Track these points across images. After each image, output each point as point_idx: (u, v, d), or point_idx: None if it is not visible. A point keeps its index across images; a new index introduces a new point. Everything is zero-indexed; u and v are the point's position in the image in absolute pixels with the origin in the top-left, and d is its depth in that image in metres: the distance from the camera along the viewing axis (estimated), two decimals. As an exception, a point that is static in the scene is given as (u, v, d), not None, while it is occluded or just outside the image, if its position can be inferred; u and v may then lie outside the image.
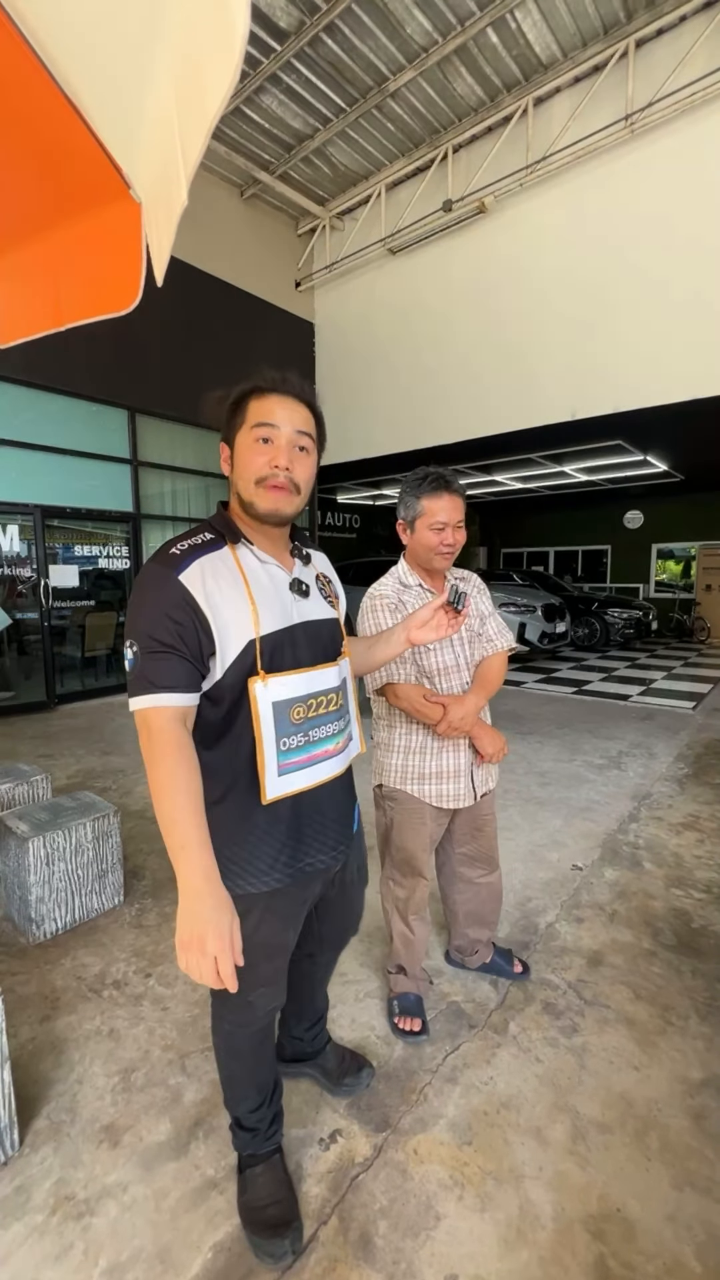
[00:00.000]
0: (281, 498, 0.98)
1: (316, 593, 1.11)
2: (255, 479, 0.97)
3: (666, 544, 12.56)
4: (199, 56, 0.57)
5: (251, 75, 5.55)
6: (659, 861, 2.72)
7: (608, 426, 6.25)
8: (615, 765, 4.12)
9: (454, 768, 1.66)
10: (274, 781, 0.99)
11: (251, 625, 0.96)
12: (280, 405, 0.97)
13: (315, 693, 1.03)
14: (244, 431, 0.98)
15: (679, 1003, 1.83)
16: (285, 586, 1.04)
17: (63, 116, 0.86)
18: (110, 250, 1.03)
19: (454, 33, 5.15)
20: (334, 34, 5.11)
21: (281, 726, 0.98)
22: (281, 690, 0.98)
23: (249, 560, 1.00)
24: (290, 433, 0.97)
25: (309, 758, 1.04)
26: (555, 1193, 1.27)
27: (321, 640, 1.08)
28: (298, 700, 1.00)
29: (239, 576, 0.97)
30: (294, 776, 1.02)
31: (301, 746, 1.02)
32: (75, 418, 6.17)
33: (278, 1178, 1.25)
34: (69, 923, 2.23)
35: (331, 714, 1.07)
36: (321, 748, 1.06)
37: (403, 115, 6.17)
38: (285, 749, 1.00)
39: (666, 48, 5.15)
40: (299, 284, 8.09)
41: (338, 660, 1.10)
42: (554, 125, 5.80)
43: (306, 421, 1.00)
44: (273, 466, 0.96)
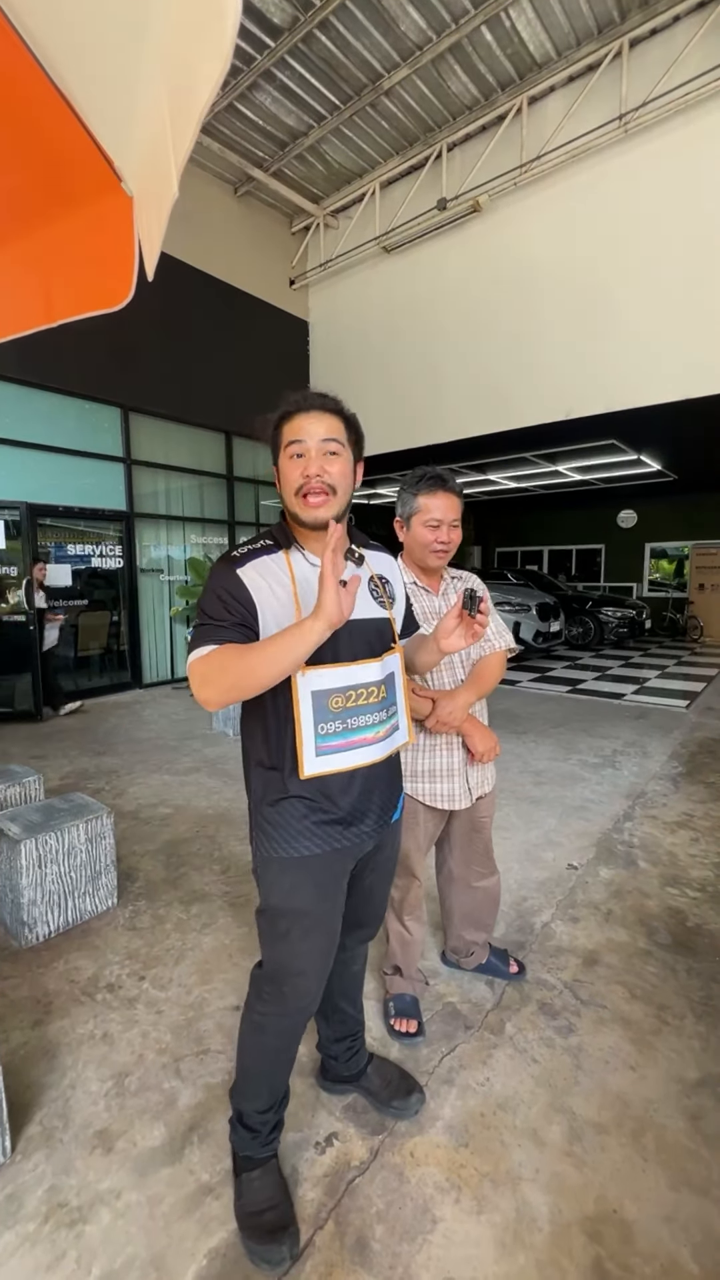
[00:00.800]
0: (317, 503, 1.08)
1: (366, 593, 1.19)
2: (294, 491, 1.09)
3: (660, 543, 12.61)
4: (189, 49, 0.55)
5: (245, 71, 5.52)
6: (654, 860, 2.73)
7: (601, 426, 6.27)
8: (610, 764, 4.13)
9: (446, 766, 1.65)
10: (311, 760, 1.09)
11: (295, 619, 1.06)
12: (306, 421, 1.09)
13: (354, 685, 1.12)
14: (283, 453, 1.11)
15: (674, 1002, 1.83)
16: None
17: (54, 108, 0.84)
18: (102, 245, 1.01)
19: (448, 30, 5.14)
20: (328, 30, 5.09)
21: (320, 713, 1.08)
22: (320, 681, 1.08)
23: (300, 564, 1.13)
24: (317, 443, 1.08)
25: (347, 743, 1.12)
26: (552, 1195, 1.27)
27: (366, 637, 1.15)
28: (336, 691, 1.09)
29: (288, 577, 1.10)
30: (332, 758, 1.11)
31: (339, 733, 1.11)
32: (68, 415, 6.13)
33: (274, 1182, 1.24)
34: (61, 925, 2.21)
35: (372, 705, 1.14)
36: (360, 735, 1.13)
37: (397, 113, 6.16)
38: (323, 733, 1.09)
39: (660, 47, 5.16)
40: (293, 282, 8.07)
41: (382, 656, 1.17)
42: (548, 124, 5.80)
43: (333, 429, 1.09)
44: (305, 476, 1.07)
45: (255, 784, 1.19)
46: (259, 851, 1.18)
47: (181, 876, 2.61)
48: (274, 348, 7.83)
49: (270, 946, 1.21)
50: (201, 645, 1.04)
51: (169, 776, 3.91)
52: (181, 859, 2.76)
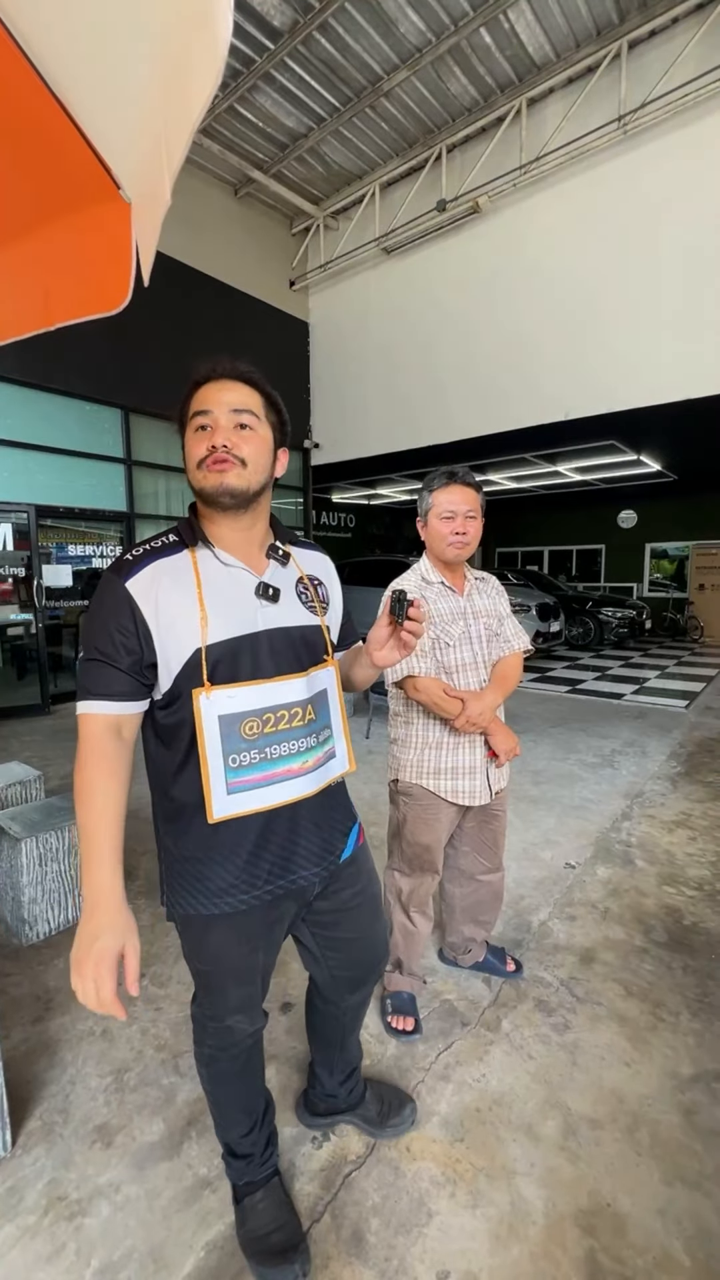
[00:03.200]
0: (224, 471, 0.91)
1: (294, 597, 1.03)
2: (196, 463, 0.93)
3: (660, 543, 12.61)
4: (183, 64, 0.57)
5: (245, 74, 5.55)
6: (651, 859, 2.74)
7: (601, 426, 6.27)
8: (608, 764, 4.14)
9: (469, 764, 1.68)
10: (221, 800, 0.92)
11: (199, 633, 0.91)
12: (213, 390, 0.94)
13: (272, 706, 0.95)
14: (188, 427, 0.95)
15: (670, 999, 1.84)
16: (251, 591, 0.97)
17: (53, 117, 0.86)
18: (100, 250, 1.02)
19: (447, 32, 5.16)
20: (327, 33, 5.11)
21: (230, 741, 0.92)
22: (229, 703, 0.92)
23: (208, 564, 0.95)
24: (226, 413, 0.92)
25: (266, 776, 0.95)
26: (546, 1189, 1.28)
27: (291, 648, 0.99)
28: (250, 714, 0.93)
29: (193, 581, 0.93)
30: (247, 796, 0.94)
31: (256, 764, 0.94)
32: (69, 417, 6.15)
33: (278, 1200, 1.19)
34: (62, 924, 2.23)
35: (297, 730, 0.97)
36: (282, 765, 0.96)
37: (397, 115, 6.18)
38: (235, 765, 0.93)
39: (659, 49, 5.17)
40: (293, 283, 8.09)
41: (309, 671, 1.00)
42: (547, 126, 5.81)
43: (245, 399, 0.94)
44: (209, 447, 0.91)
45: (160, 825, 1.04)
46: (172, 906, 1.03)
47: (181, 875, 2.63)
48: (274, 349, 7.85)
49: (201, 992, 1.11)
50: (89, 696, 0.90)
51: (169, 776, 3.92)
52: (181, 858, 2.77)
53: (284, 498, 8.74)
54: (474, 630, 1.67)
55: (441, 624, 1.64)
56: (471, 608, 1.69)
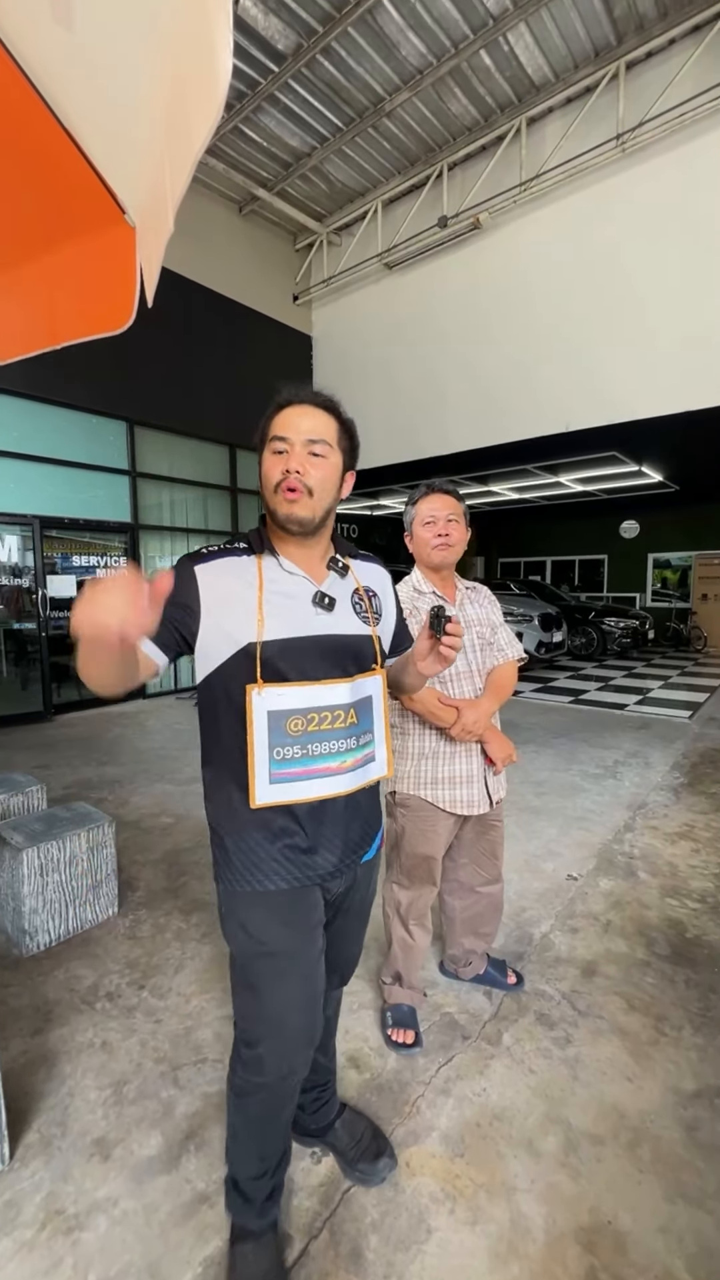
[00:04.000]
0: (295, 500, 0.98)
1: (349, 607, 1.09)
2: (272, 486, 0.99)
3: (663, 553, 12.62)
4: (186, 97, 0.59)
5: (250, 96, 5.66)
6: (654, 871, 2.72)
7: (602, 438, 6.32)
8: (611, 775, 4.13)
9: (467, 773, 1.69)
10: (264, 788, 0.98)
11: (255, 629, 0.97)
12: (293, 416, 1.00)
13: (316, 707, 1.00)
14: (266, 449, 1.02)
15: (672, 1013, 1.83)
16: (309, 598, 1.03)
17: (61, 147, 0.89)
18: (106, 272, 1.05)
19: (448, 55, 5.26)
20: (330, 56, 5.22)
21: (276, 736, 0.98)
22: (277, 701, 0.98)
23: (272, 570, 1.03)
24: (302, 440, 0.99)
25: (306, 771, 1.01)
26: (547, 1205, 1.27)
27: (339, 656, 1.04)
28: (295, 713, 0.99)
29: (255, 582, 1.00)
30: (288, 787, 1.00)
31: (298, 759, 1.00)
32: (74, 429, 6.23)
33: (269, 1258, 1.13)
34: (62, 934, 2.23)
35: (338, 731, 1.02)
36: (322, 763, 1.02)
37: (398, 134, 6.29)
38: (279, 759, 0.98)
39: (656, 70, 5.26)
40: (297, 298, 8.19)
41: (354, 678, 1.05)
42: (547, 144, 5.91)
43: (320, 428, 1.00)
44: (284, 471, 0.98)
45: (211, 808, 1.09)
46: (221, 883, 1.08)
47: (182, 886, 2.63)
48: (278, 361, 7.94)
49: (241, 1000, 1.09)
50: None
51: (171, 786, 3.93)
52: (182, 868, 2.77)
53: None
54: (466, 639, 1.68)
55: None
56: (464, 617, 1.70)
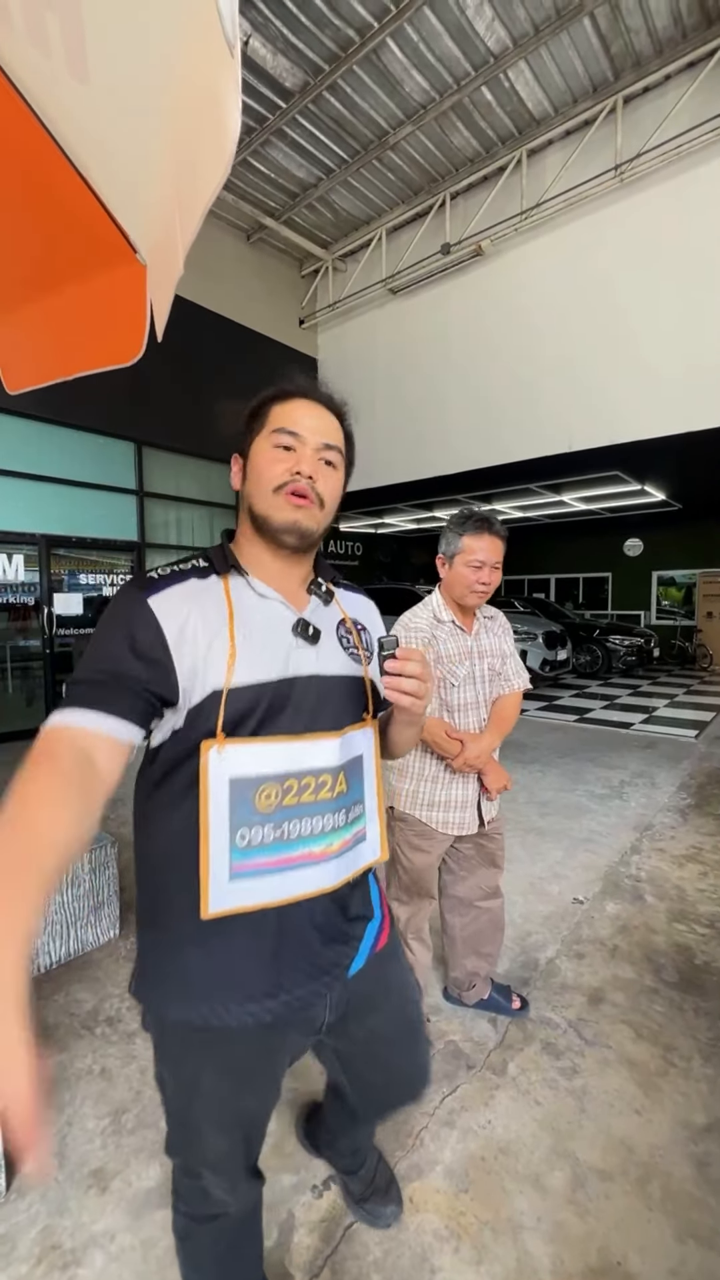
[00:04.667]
0: (303, 507, 0.80)
1: (334, 641, 0.86)
2: (274, 486, 0.79)
3: (667, 571, 12.64)
4: (196, 151, 0.62)
5: (258, 130, 5.84)
6: (661, 895, 2.69)
7: (605, 457, 6.37)
8: (617, 795, 4.09)
9: (461, 798, 1.71)
10: (220, 890, 0.72)
11: (224, 671, 0.73)
12: (307, 412, 0.83)
13: (297, 771, 0.76)
14: (262, 438, 0.82)
15: (681, 1043, 1.79)
16: (287, 629, 0.81)
17: (77, 192, 0.93)
18: (118, 307, 1.09)
19: (450, 91, 5.43)
20: (336, 92, 5.39)
21: (240, 812, 0.73)
22: (246, 763, 0.73)
23: (243, 594, 0.80)
24: (316, 443, 0.81)
25: (279, 860, 0.75)
26: (554, 1244, 1.23)
27: (330, 702, 0.82)
28: (269, 779, 0.74)
29: (224, 610, 0.77)
30: (253, 885, 0.74)
31: (270, 844, 0.74)
32: (83, 450, 6.33)
33: None
34: (62, 956, 2.21)
35: (324, 803, 0.79)
36: (301, 849, 0.77)
37: (402, 165, 6.46)
38: (244, 845, 0.73)
39: (653, 104, 5.41)
40: (303, 322, 8.36)
41: (343, 731, 0.82)
42: (547, 175, 6.06)
43: (334, 434, 0.85)
44: (293, 473, 0.80)
45: (143, 900, 0.82)
46: (143, 999, 0.82)
47: (184, 907, 2.61)
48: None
49: (171, 1126, 0.88)
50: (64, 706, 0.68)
51: (174, 805, 3.91)
52: (184, 889, 2.75)
53: (292, 527, 8.86)
54: (478, 670, 1.71)
55: (448, 664, 1.67)
56: (478, 647, 1.73)
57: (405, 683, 0.76)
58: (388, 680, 0.77)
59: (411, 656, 0.77)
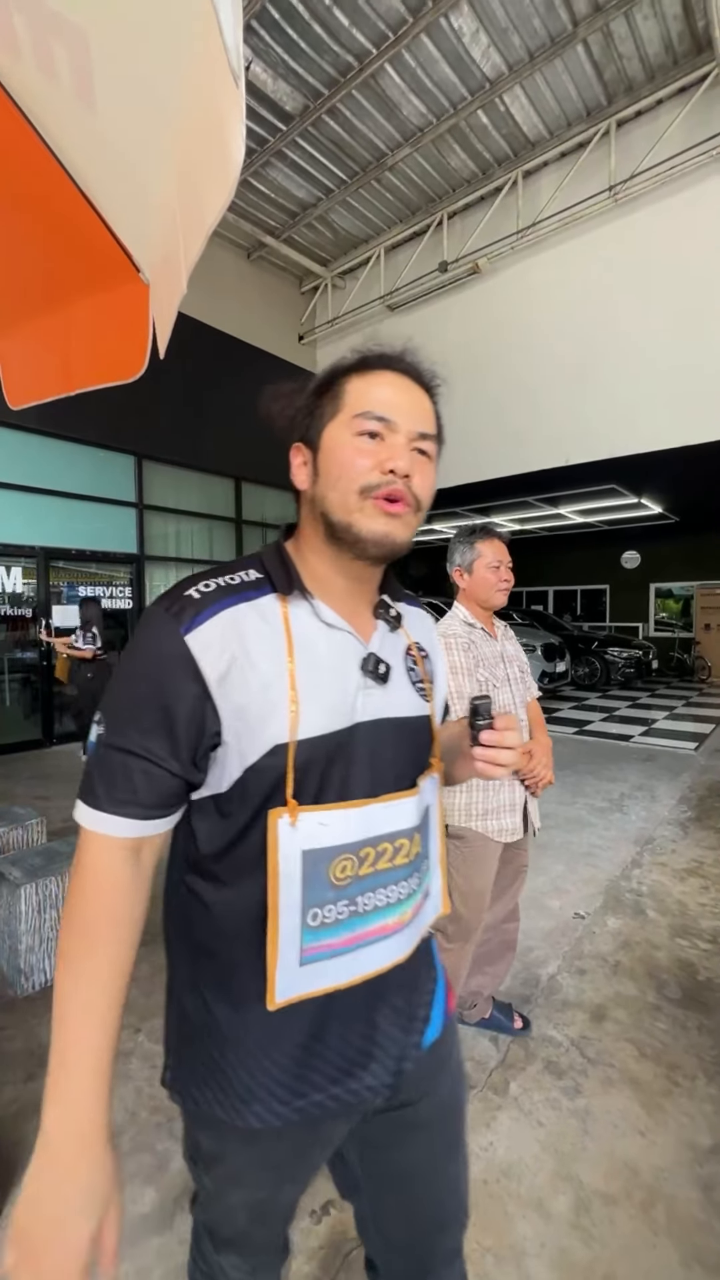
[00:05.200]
0: (397, 516, 0.65)
1: (403, 675, 0.73)
2: (359, 488, 0.64)
3: (664, 583, 12.69)
4: (200, 176, 0.63)
5: (259, 152, 5.96)
6: (663, 909, 2.67)
7: (601, 471, 6.43)
8: (617, 808, 4.07)
9: (510, 801, 1.72)
10: (289, 975, 0.62)
11: (286, 722, 0.61)
12: (398, 389, 0.68)
13: (374, 838, 0.66)
14: (339, 425, 0.66)
15: (685, 1061, 1.77)
16: (355, 665, 0.67)
17: (82, 213, 0.95)
18: (120, 325, 1.11)
19: (447, 114, 5.55)
20: (335, 115, 5.51)
21: (314, 890, 0.62)
22: (321, 834, 0.62)
23: (304, 622, 0.66)
24: (411, 430, 0.66)
25: (353, 939, 0.65)
26: (559, 1272, 1.21)
27: (400, 750, 0.70)
28: (344, 850, 0.64)
29: (282, 643, 0.63)
30: (324, 967, 0.64)
31: (343, 922, 0.64)
32: (84, 463, 6.37)
33: None
34: (59, 974, 2.18)
35: (399, 869, 0.68)
36: (376, 922, 0.67)
37: (400, 186, 6.59)
38: (315, 924, 0.63)
39: (645, 127, 5.53)
40: (302, 338, 8.46)
41: (418, 785, 0.71)
42: (542, 195, 6.18)
43: (429, 416, 0.71)
44: (386, 470, 0.64)
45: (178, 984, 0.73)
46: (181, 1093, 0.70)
47: (181, 923, 2.58)
48: (283, 398, 8.15)
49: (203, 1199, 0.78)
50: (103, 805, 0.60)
51: (172, 819, 3.88)
52: (182, 905, 2.73)
53: (291, 539, 8.91)
54: (511, 673, 1.76)
55: (490, 666, 1.72)
56: (504, 652, 1.78)
57: (503, 755, 0.66)
58: (481, 752, 0.67)
59: (510, 726, 0.67)
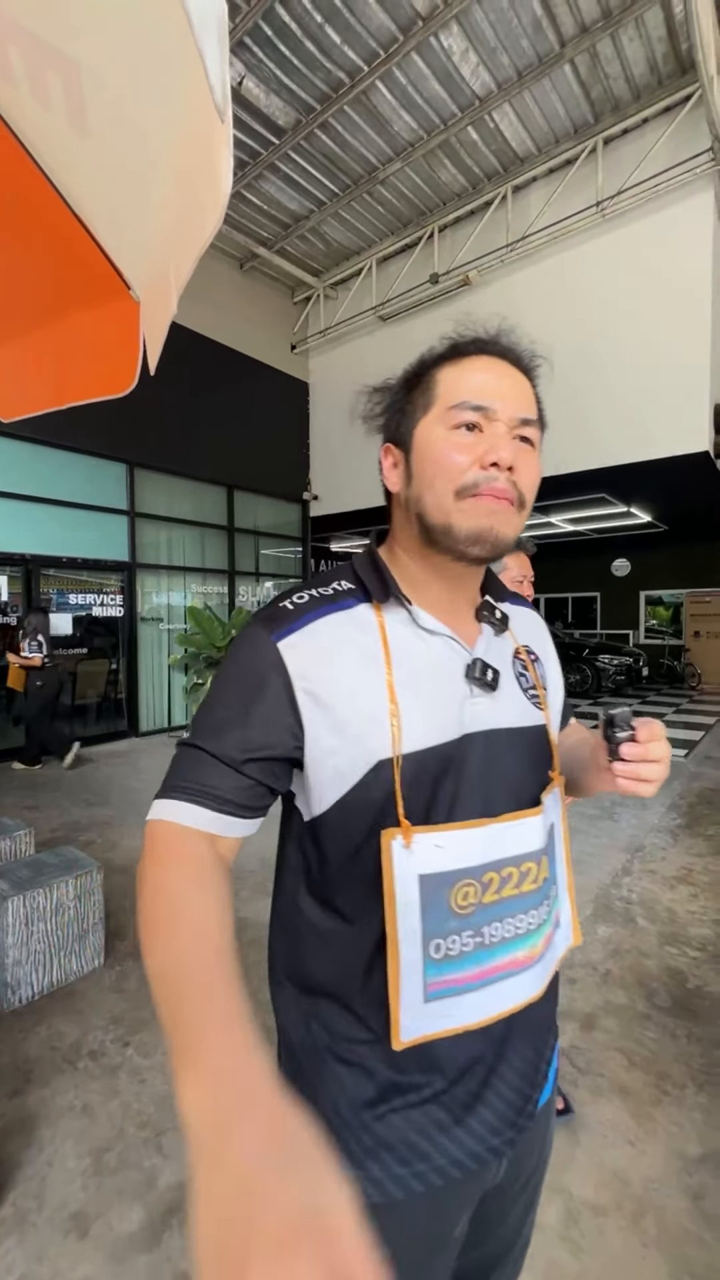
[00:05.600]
0: (500, 512, 0.60)
1: (513, 681, 0.68)
2: (458, 488, 0.59)
3: (655, 591, 12.81)
4: (189, 203, 0.65)
5: (252, 164, 6.01)
6: (652, 917, 2.68)
7: (590, 480, 6.49)
8: (608, 816, 4.09)
9: None
10: (413, 1012, 0.57)
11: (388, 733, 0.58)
12: (495, 374, 0.62)
13: (497, 861, 0.60)
14: (433, 420, 0.62)
15: (675, 1070, 1.77)
16: (459, 673, 0.63)
17: (74, 233, 0.96)
18: (111, 341, 1.12)
19: (437, 130, 5.62)
20: (327, 130, 5.57)
21: (434, 919, 0.57)
22: (438, 857, 0.57)
23: (400, 630, 0.63)
24: (512, 417, 0.60)
25: (481, 973, 0.59)
26: (547, 1284, 1.21)
27: (520, 766, 0.65)
28: (467, 874, 0.58)
29: (380, 652, 0.61)
30: (452, 1005, 0.58)
31: (468, 955, 0.59)
32: (75, 471, 6.36)
33: None
34: (46, 987, 2.16)
35: (528, 896, 0.62)
36: (505, 956, 0.61)
37: (391, 199, 6.66)
38: (439, 957, 0.57)
39: (632, 145, 5.63)
40: (294, 347, 8.51)
41: (542, 803, 0.65)
42: (531, 209, 6.27)
43: (529, 400, 0.63)
44: (487, 465, 0.59)
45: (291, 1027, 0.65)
46: None
47: (171, 934, 2.56)
48: (276, 406, 8.19)
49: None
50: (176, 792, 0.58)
51: (162, 828, 3.86)
52: (172, 916, 2.71)
53: (284, 547, 8.92)
54: None
55: None
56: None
57: (648, 769, 0.60)
58: (623, 768, 0.61)
59: (655, 736, 0.60)
